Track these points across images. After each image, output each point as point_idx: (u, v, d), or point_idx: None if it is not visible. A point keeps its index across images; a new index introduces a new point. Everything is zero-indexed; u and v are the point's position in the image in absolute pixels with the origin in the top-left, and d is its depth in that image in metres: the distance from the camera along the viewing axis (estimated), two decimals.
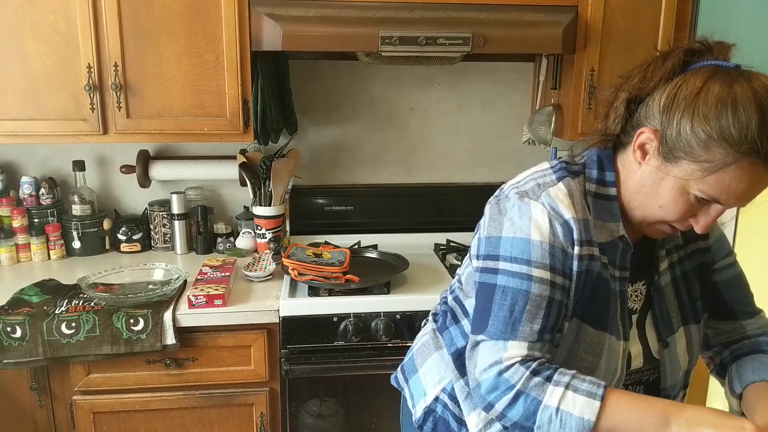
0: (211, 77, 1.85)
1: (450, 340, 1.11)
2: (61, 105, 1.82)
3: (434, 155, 2.39)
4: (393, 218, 2.33)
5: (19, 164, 2.21)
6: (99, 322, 1.63)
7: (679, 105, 0.84)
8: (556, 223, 0.91)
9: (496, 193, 1.02)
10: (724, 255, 1.08)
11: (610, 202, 0.95)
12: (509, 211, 0.95)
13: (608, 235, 0.95)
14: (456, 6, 1.84)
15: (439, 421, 1.12)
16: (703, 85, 0.83)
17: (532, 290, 0.90)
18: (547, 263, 0.91)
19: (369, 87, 2.30)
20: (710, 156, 0.81)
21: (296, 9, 1.80)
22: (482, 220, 1.01)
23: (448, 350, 1.11)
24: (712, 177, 0.82)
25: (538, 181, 0.96)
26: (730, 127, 0.80)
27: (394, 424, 1.87)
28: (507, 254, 0.93)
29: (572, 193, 0.93)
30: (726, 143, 0.80)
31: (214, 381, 1.76)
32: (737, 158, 0.80)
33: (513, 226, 0.93)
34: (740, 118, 0.79)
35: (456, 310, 1.12)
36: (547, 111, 2.14)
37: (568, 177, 0.95)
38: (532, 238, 0.91)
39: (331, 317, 1.76)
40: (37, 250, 2.11)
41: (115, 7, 1.77)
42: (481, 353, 0.92)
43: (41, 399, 1.72)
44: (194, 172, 2.19)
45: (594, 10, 1.90)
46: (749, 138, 0.79)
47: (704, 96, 0.82)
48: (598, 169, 0.96)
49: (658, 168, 0.88)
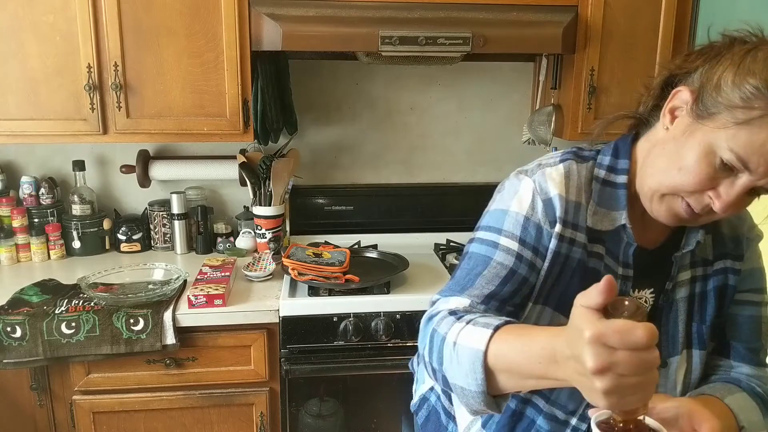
0: (211, 77, 1.85)
1: None
2: (61, 105, 1.82)
3: (434, 155, 2.39)
4: (393, 218, 2.33)
5: (19, 164, 2.21)
6: (99, 322, 1.63)
7: (723, 63, 0.79)
8: (539, 198, 0.89)
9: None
10: (751, 289, 0.98)
11: (616, 190, 0.91)
12: (504, 187, 0.95)
13: (610, 224, 0.91)
14: (456, 6, 1.84)
15: (432, 411, 1.14)
16: (752, 49, 0.78)
17: (494, 257, 0.88)
18: (517, 234, 0.89)
19: (369, 87, 2.30)
20: (748, 110, 0.75)
21: (296, 9, 1.80)
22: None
23: None
24: (745, 132, 0.75)
25: (541, 162, 0.94)
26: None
27: (394, 424, 1.87)
28: (485, 224, 0.93)
29: (570, 175, 0.90)
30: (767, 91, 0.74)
31: (214, 381, 1.76)
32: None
33: (501, 200, 0.93)
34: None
35: None
36: (547, 111, 2.14)
37: (571, 161, 0.92)
38: (510, 209, 0.90)
39: (331, 317, 1.76)
40: (37, 250, 2.11)
41: (115, 7, 1.77)
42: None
43: (41, 399, 1.72)
44: (194, 172, 2.19)
45: (594, 10, 1.90)
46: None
47: (752, 55, 0.77)
48: (612, 155, 0.93)
49: (687, 127, 0.81)
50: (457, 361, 0.75)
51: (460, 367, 0.75)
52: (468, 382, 0.74)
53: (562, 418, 0.94)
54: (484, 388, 0.72)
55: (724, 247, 0.96)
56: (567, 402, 0.94)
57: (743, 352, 0.98)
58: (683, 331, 0.95)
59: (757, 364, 0.98)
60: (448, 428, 1.09)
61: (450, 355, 0.77)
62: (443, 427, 1.11)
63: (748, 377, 0.96)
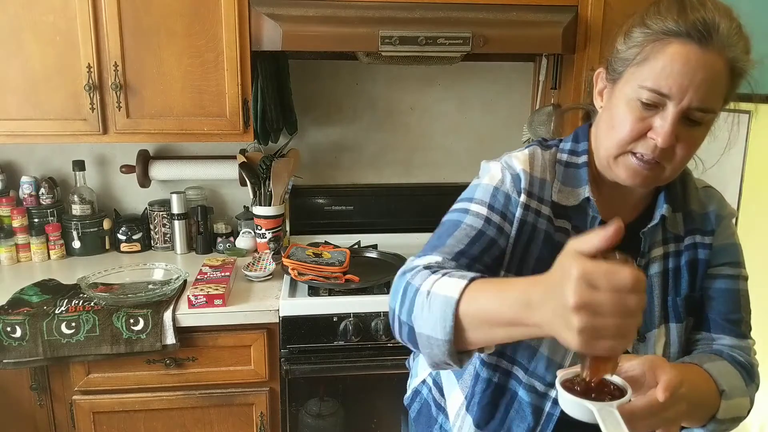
0: (211, 77, 1.85)
1: None
2: (61, 105, 1.82)
3: (434, 155, 2.39)
4: (393, 218, 2.34)
5: (19, 164, 2.21)
6: (99, 322, 1.63)
7: (616, 35, 0.92)
8: (507, 172, 0.97)
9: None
10: (726, 263, 1.01)
11: (578, 170, 0.98)
12: (478, 175, 1.02)
13: (575, 199, 0.96)
14: (456, 6, 1.84)
15: (423, 403, 1.15)
16: (630, 17, 0.91)
17: (465, 221, 0.93)
18: (486, 201, 0.95)
19: (369, 87, 2.30)
20: (641, 50, 0.85)
21: (296, 9, 1.80)
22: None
23: None
24: (646, 67, 0.84)
25: (509, 152, 1.02)
26: (652, 19, 0.85)
27: (394, 423, 1.87)
28: (459, 198, 1.00)
29: (534, 157, 0.98)
30: (651, 32, 0.85)
31: (213, 381, 1.76)
32: (663, 41, 0.83)
33: (474, 181, 1.01)
34: (661, 10, 0.86)
35: None
36: (547, 111, 2.14)
37: (535, 146, 1.01)
38: (482, 183, 0.98)
39: (331, 317, 1.76)
40: (37, 250, 2.11)
41: (115, 7, 1.77)
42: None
43: (41, 399, 1.72)
44: (194, 172, 2.19)
45: (594, 10, 1.90)
46: (670, 21, 0.83)
47: (631, 18, 0.91)
48: (572, 141, 1.01)
49: (609, 94, 0.92)
50: (429, 309, 0.76)
51: (431, 315, 0.75)
52: (436, 330, 0.74)
53: (542, 390, 0.96)
54: (451, 336, 0.73)
55: (693, 224, 1.00)
56: (545, 374, 0.95)
57: (722, 323, 1.00)
58: (659, 306, 0.98)
59: (738, 335, 1.00)
60: (438, 419, 1.11)
61: (422, 304, 0.77)
62: (433, 419, 1.12)
63: (730, 348, 0.98)
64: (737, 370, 0.93)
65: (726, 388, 0.88)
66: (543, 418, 0.97)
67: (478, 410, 1.00)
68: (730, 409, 0.88)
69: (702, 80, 0.82)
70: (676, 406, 0.75)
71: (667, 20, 0.83)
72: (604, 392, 0.72)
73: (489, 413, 1.00)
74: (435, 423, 1.11)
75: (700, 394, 0.85)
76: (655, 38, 0.84)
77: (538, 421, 0.97)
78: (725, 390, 0.88)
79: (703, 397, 0.86)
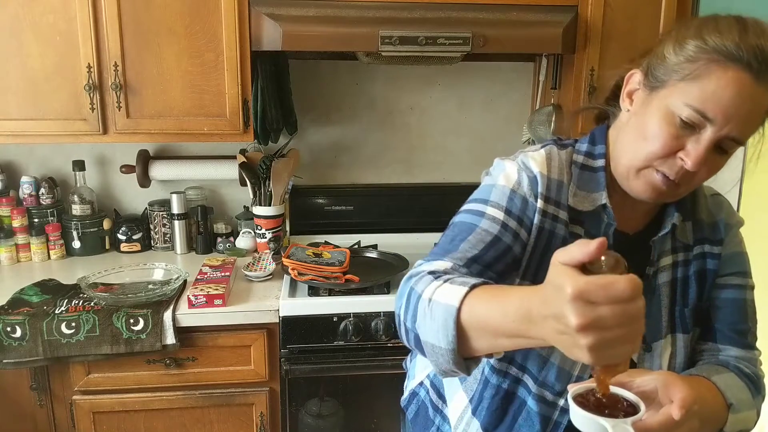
0: (211, 77, 1.85)
1: None
2: (61, 105, 1.82)
3: (434, 155, 2.39)
4: (393, 218, 2.33)
5: (19, 164, 2.21)
6: (99, 322, 1.63)
7: (662, 42, 0.87)
8: (524, 174, 0.93)
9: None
10: (734, 272, 1.00)
11: (595, 173, 0.95)
12: (490, 172, 0.99)
13: (590, 204, 0.94)
14: (456, 6, 1.84)
15: (420, 405, 1.15)
16: (683, 24, 0.87)
17: (480, 225, 0.90)
18: (503, 205, 0.92)
19: (369, 87, 2.30)
20: (693, 65, 0.81)
21: (296, 9, 1.80)
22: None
23: None
24: (695, 86, 0.81)
25: (524, 150, 0.99)
26: (711, 35, 0.81)
27: (394, 424, 1.87)
28: (472, 198, 0.96)
29: (551, 157, 0.95)
30: (708, 48, 0.80)
31: (213, 381, 1.76)
32: (719, 62, 0.79)
33: (488, 180, 0.97)
34: (721, 28, 0.81)
35: None
36: (547, 111, 2.14)
37: (551, 146, 0.98)
38: (497, 183, 0.94)
39: (331, 317, 1.76)
40: (37, 250, 2.11)
41: (115, 7, 1.77)
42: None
43: (41, 399, 1.72)
44: (194, 172, 2.19)
45: (594, 10, 1.90)
46: (730, 42, 0.79)
47: (685, 25, 0.85)
48: (589, 142, 0.98)
49: (644, 100, 0.88)
50: (431, 317, 0.75)
51: (433, 323, 0.74)
52: (439, 338, 0.73)
53: (551, 399, 0.96)
54: (454, 345, 0.72)
55: (702, 233, 0.99)
56: (555, 383, 0.95)
57: (729, 334, 0.99)
58: (666, 316, 0.97)
59: (745, 346, 0.99)
60: (435, 422, 1.10)
61: (424, 312, 0.76)
62: (431, 422, 1.11)
63: (737, 359, 0.97)
64: (744, 383, 0.93)
65: (734, 402, 0.87)
66: (551, 426, 0.96)
67: (487, 415, 1.00)
68: (738, 422, 0.88)
69: (747, 112, 0.80)
70: (689, 422, 0.75)
71: (726, 40, 0.79)
72: (618, 408, 0.72)
73: (498, 418, 1.00)
74: (432, 425, 1.11)
75: (709, 409, 0.85)
76: (710, 57, 0.80)
77: (546, 429, 0.96)
78: (733, 404, 0.87)
79: (712, 411, 0.86)
